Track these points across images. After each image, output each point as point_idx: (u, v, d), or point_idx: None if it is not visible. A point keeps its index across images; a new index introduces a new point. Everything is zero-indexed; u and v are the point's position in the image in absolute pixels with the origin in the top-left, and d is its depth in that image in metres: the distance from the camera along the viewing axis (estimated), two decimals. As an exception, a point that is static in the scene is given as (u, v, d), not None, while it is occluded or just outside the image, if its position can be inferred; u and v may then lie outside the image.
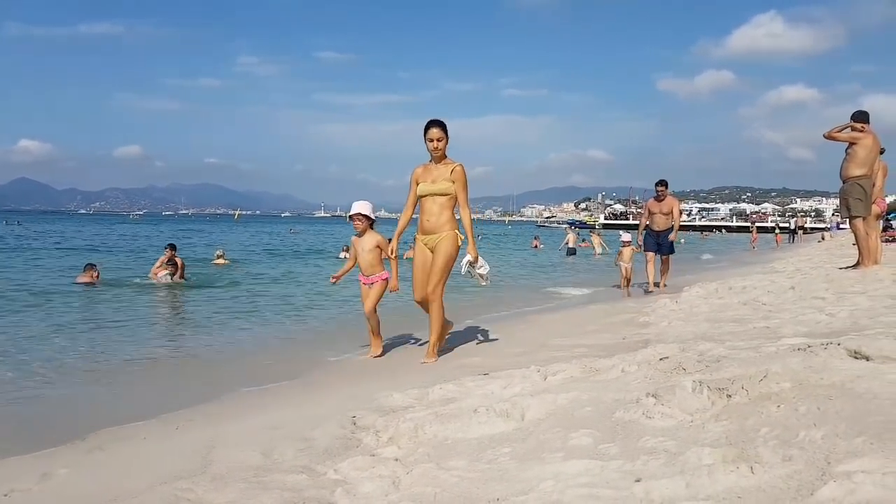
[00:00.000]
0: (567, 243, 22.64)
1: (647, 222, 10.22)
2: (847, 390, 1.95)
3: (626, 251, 10.29)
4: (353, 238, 5.27)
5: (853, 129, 7.04)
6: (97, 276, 10.95)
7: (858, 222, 7.23)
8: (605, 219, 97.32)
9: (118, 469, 2.50)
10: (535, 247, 28.00)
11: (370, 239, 5.16)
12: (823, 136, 7.20)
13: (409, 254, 19.78)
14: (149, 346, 5.93)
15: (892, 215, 25.89)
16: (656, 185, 10.13)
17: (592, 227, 68.60)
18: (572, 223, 77.28)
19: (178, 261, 11.61)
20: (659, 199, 10.11)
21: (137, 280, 11.52)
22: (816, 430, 1.69)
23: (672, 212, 10.11)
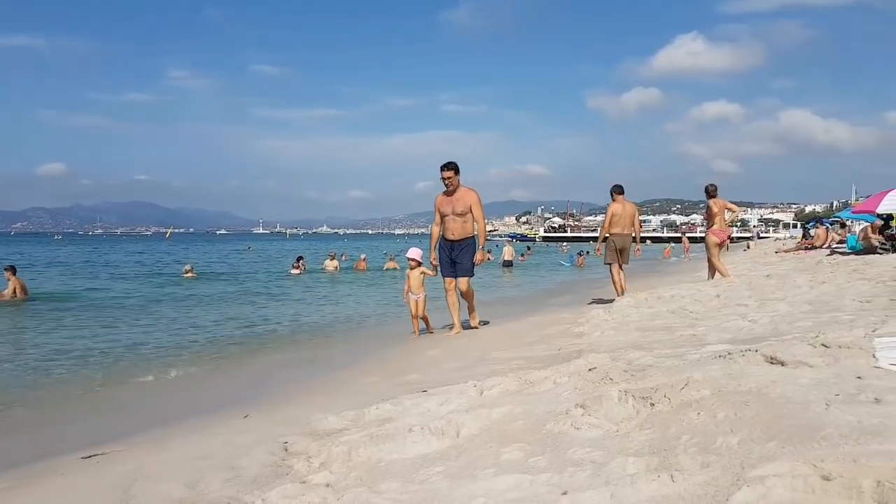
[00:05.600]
0: (504, 256, 23.33)
1: (440, 230, 6.58)
2: (762, 396, 2.03)
3: (414, 276, 6.79)
4: None
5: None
6: None
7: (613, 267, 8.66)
8: (545, 232, 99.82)
9: (30, 509, 2.34)
10: (487, 259, 28.69)
11: None
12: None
13: (389, 265, 20.25)
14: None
15: (809, 224, 27.54)
16: (441, 169, 6.40)
17: (533, 241, 70.35)
18: (513, 237, 79.28)
19: (19, 282, 12.42)
20: (448, 192, 6.42)
21: None
22: (733, 436, 1.75)
23: (471, 211, 6.39)
